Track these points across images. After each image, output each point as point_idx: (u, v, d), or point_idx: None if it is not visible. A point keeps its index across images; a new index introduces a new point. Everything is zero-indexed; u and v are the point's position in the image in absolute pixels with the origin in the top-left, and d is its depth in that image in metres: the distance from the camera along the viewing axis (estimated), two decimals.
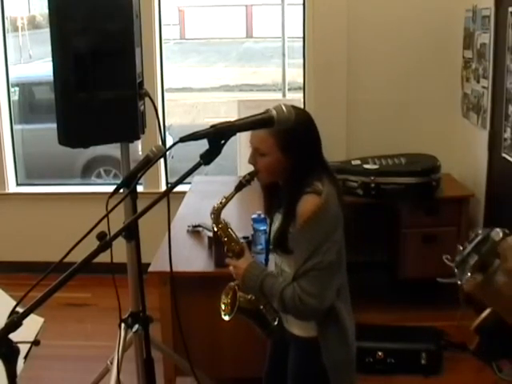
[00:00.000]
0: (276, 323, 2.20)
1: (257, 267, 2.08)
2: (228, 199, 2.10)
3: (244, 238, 2.72)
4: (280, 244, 2.04)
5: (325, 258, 1.93)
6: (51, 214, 4.91)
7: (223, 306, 2.18)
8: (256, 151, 2.06)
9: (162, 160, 3.84)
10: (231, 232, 2.16)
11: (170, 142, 6.16)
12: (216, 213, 2.13)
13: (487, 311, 1.37)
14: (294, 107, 1.66)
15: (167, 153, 4.57)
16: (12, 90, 5.42)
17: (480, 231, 1.18)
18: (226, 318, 2.16)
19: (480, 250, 1.16)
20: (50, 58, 2.46)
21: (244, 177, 2.06)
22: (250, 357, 2.48)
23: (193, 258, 3.02)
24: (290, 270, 2.03)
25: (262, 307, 2.19)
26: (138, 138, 2.63)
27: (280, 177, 2.07)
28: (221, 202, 2.12)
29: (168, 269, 2.19)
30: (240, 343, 2.92)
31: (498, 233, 1.15)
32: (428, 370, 3.42)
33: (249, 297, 2.17)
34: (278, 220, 2.10)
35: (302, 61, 4.73)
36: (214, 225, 2.16)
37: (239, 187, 2.06)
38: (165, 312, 2.91)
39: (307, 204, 1.96)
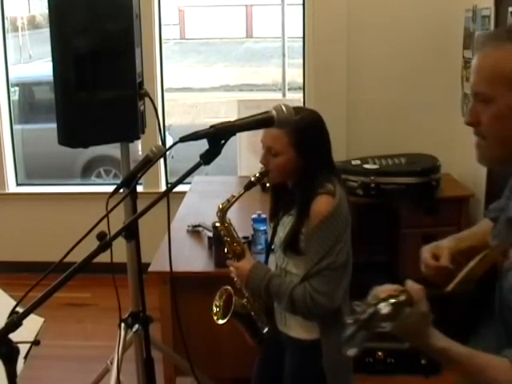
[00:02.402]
0: (266, 331, 2.20)
1: (261, 268, 2.08)
2: (236, 198, 2.09)
3: (244, 238, 2.71)
4: (291, 245, 2.03)
5: (337, 258, 1.94)
6: (51, 214, 4.91)
7: (215, 309, 2.18)
8: (269, 150, 2.05)
9: (161, 160, 3.85)
10: (234, 232, 2.16)
11: (169, 142, 6.16)
12: (223, 211, 2.12)
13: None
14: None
15: (167, 153, 4.57)
16: (12, 90, 5.42)
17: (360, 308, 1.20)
18: (220, 321, 2.16)
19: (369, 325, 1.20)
20: (50, 58, 2.46)
21: (254, 176, 2.06)
22: (250, 357, 2.48)
23: (193, 258, 3.02)
24: (298, 271, 2.03)
25: (252, 313, 2.19)
26: (138, 138, 2.63)
27: (291, 177, 2.07)
28: (228, 201, 2.11)
29: (168, 269, 2.19)
30: (240, 343, 2.91)
31: (385, 307, 1.19)
32: (428, 370, 3.42)
33: (243, 301, 2.17)
34: (286, 222, 2.10)
35: (301, 61, 4.73)
36: (219, 223, 2.16)
37: (249, 186, 2.06)
38: (165, 312, 2.91)
39: (322, 204, 1.96)
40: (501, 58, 1.26)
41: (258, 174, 2.06)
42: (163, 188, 4.79)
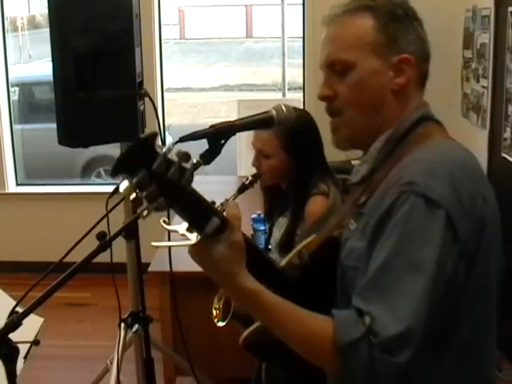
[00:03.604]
0: None
1: None
2: (230, 202, 2.10)
3: None
4: (287, 246, 2.03)
5: None
6: (51, 214, 4.91)
7: (214, 312, 2.18)
8: (260, 153, 2.06)
9: None
10: None
11: (169, 141, 6.16)
12: None
13: (254, 326, 1.39)
14: (294, 108, 1.66)
15: None
16: (12, 90, 5.42)
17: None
18: (221, 324, 2.15)
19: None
20: (50, 58, 2.46)
21: (247, 179, 2.06)
22: (250, 357, 2.47)
23: None
24: None
25: None
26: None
27: (284, 179, 2.07)
28: (222, 205, 2.11)
29: (168, 269, 2.19)
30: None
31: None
32: None
33: None
34: (281, 223, 2.10)
35: (302, 61, 4.73)
36: None
37: (242, 189, 2.06)
38: (165, 312, 2.91)
39: (316, 205, 1.96)
40: (362, 25, 1.26)
41: (250, 177, 2.06)
42: None
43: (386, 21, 1.25)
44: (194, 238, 1.11)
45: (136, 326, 2.67)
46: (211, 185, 4.23)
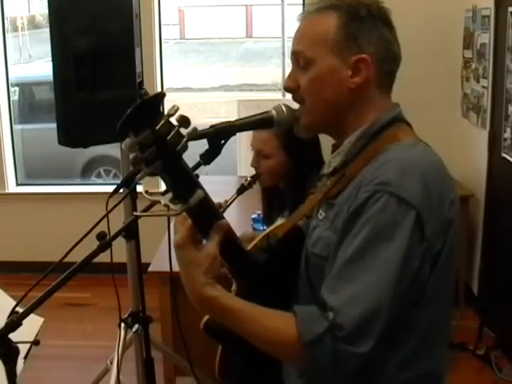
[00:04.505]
0: None
1: None
2: (229, 203, 2.10)
3: None
4: None
5: None
6: (51, 214, 4.91)
7: None
8: (259, 154, 2.06)
9: None
10: None
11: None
12: None
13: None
14: (293, 108, 1.66)
15: None
16: (12, 90, 5.42)
17: None
18: None
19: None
20: (50, 58, 2.46)
21: (246, 180, 2.06)
22: None
23: None
24: None
25: None
26: None
27: (282, 179, 2.07)
28: (220, 205, 2.11)
29: (168, 269, 2.18)
30: None
31: None
32: None
33: None
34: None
35: None
36: None
37: (241, 190, 2.06)
38: (165, 312, 2.91)
39: None
40: (326, 23, 1.29)
41: (249, 178, 2.06)
42: (163, 188, 4.78)
43: (348, 20, 1.28)
44: (178, 208, 1.12)
45: (136, 326, 2.67)
46: (211, 185, 4.22)
